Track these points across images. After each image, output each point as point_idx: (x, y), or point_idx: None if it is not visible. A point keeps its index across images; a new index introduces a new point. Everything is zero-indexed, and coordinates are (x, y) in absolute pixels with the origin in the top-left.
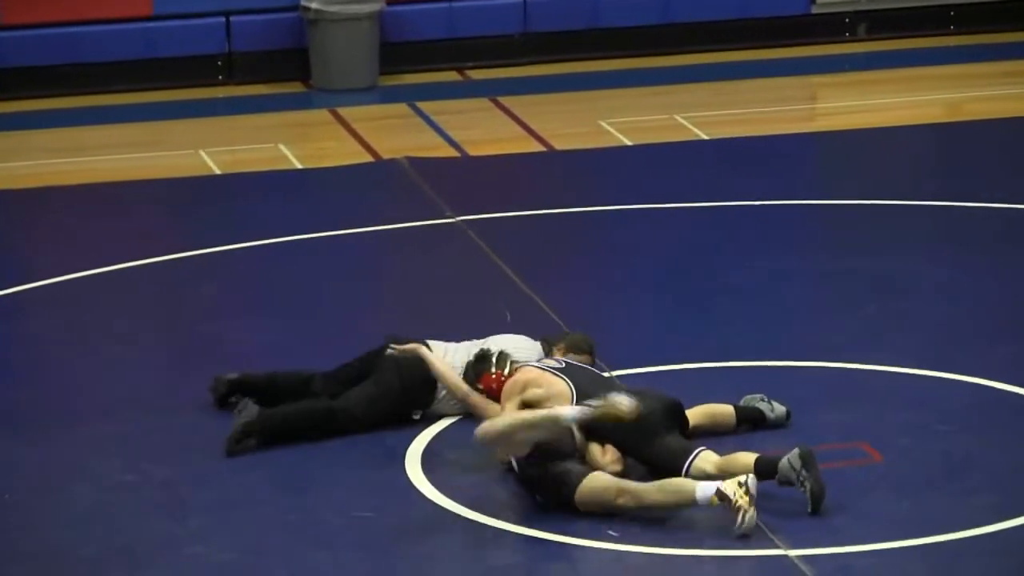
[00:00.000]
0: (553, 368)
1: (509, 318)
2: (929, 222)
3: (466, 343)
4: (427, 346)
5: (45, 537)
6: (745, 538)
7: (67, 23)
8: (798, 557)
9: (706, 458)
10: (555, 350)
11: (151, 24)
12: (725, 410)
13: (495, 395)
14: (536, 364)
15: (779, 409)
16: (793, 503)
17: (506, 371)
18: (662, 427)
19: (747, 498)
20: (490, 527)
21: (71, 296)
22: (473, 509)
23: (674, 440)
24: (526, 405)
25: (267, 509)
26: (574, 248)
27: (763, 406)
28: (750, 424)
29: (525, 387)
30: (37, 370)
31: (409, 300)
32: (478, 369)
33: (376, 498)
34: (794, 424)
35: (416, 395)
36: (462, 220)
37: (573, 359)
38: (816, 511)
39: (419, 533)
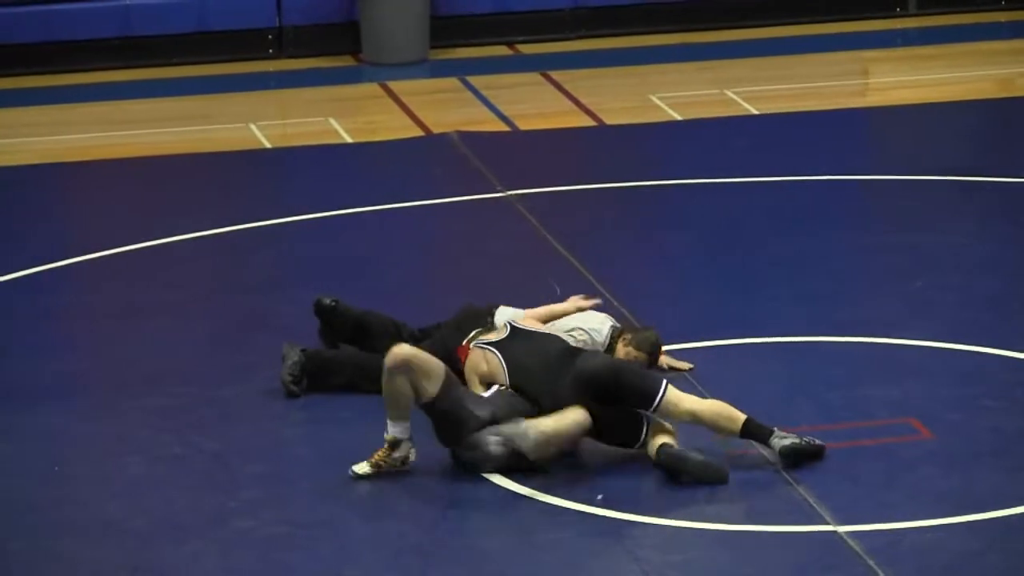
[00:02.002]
0: (490, 344)
1: (559, 292)
2: (979, 197)
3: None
4: (494, 312)
5: (95, 509)
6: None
7: None
8: (847, 533)
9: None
10: (621, 341)
11: None
12: (734, 416)
13: (462, 365)
14: (478, 343)
15: (783, 443)
16: (840, 479)
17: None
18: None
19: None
20: (539, 501)
21: (121, 269)
22: (523, 484)
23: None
24: (485, 383)
25: (317, 482)
26: (624, 222)
27: (776, 437)
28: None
29: (476, 368)
30: (87, 343)
31: (459, 274)
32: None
33: (429, 471)
34: (844, 400)
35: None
36: (512, 194)
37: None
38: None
39: (471, 507)
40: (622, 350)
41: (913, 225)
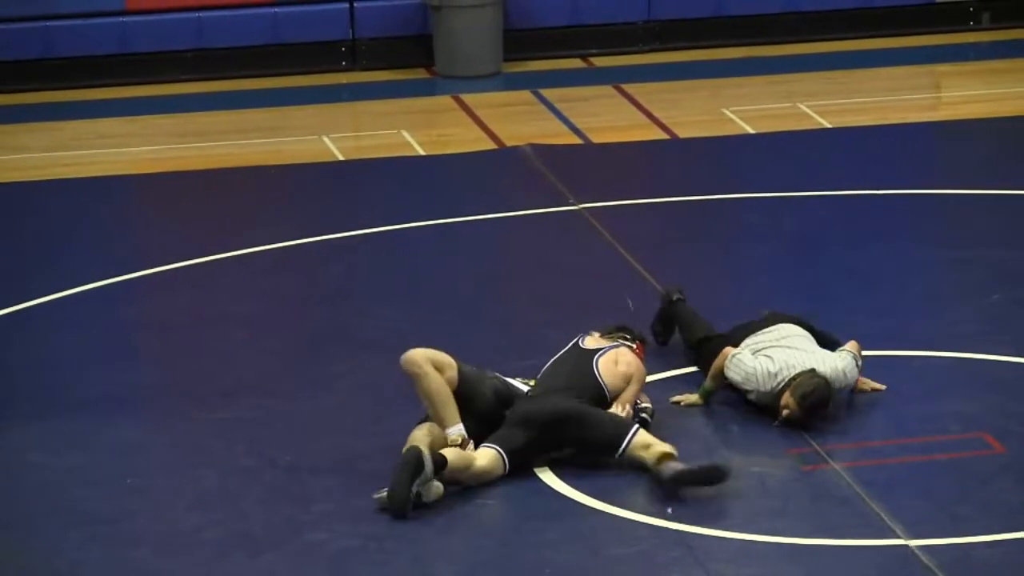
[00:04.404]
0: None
1: (632, 306)
2: None
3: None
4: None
5: (169, 520)
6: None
7: (192, 8)
8: (918, 547)
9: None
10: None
11: (276, 10)
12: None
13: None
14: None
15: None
16: (912, 493)
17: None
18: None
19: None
20: (611, 515)
21: (195, 281)
22: (595, 498)
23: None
24: None
25: None
26: (696, 236)
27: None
28: None
29: None
30: (162, 354)
31: (531, 287)
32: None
33: (499, 486)
34: (917, 414)
35: None
36: (585, 207)
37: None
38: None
39: (541, 521)
40: (786, 398)
41: (987, 239)
